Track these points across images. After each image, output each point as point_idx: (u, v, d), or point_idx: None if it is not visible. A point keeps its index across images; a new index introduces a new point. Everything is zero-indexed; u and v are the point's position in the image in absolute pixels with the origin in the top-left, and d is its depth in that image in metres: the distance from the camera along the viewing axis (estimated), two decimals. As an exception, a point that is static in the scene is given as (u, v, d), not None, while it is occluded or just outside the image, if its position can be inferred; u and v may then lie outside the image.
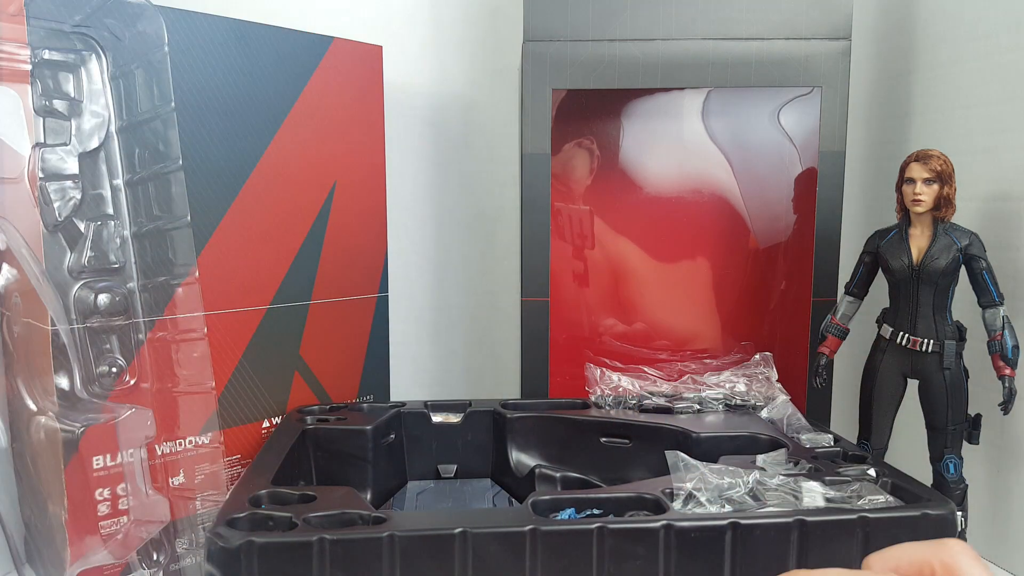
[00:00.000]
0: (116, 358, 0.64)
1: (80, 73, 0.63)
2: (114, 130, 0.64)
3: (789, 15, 0.84)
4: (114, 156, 0.64)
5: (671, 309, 0.90)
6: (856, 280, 0.79)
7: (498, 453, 0.80)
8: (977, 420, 0.73)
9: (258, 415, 0.78)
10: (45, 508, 0.64)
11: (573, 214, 0.88)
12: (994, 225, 0.79)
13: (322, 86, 0.81)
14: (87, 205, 0.63)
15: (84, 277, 0.63)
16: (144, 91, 0.65)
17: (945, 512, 0.53)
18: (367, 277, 0.89)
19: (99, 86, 0.63)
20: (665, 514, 0.53)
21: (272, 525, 0.53)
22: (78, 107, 0.63)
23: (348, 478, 0.74)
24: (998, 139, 0.79)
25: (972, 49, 0.83)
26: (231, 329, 0.75)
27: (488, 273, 1.11)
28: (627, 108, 0.87)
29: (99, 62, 0.63)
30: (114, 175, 0.64)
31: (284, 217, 0.79)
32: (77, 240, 0.62)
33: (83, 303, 0.62)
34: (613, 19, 0.84)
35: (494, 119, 1.08)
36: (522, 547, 0.51)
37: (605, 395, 0.81)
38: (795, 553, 0.52)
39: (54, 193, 0.61)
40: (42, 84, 0.61)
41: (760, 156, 0.87)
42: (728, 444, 0.70)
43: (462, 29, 1.06)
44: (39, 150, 0.61)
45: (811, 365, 0.83)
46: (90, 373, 0.63)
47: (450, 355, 1.12)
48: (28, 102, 0.60)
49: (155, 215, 0.66)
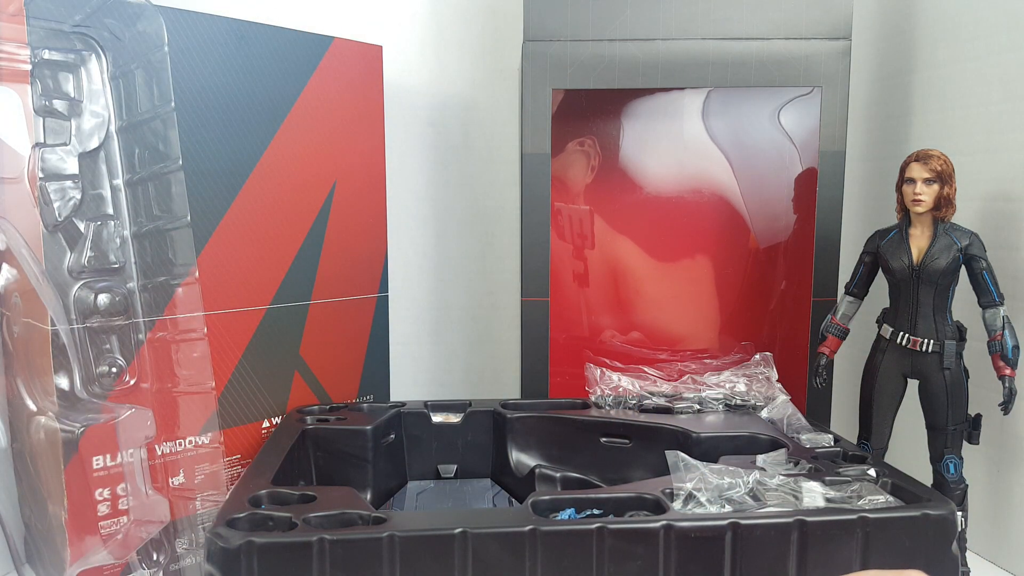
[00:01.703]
0: (116, 358, 0.64)
1: (80, 73, 0.63)
2: (114, 130, 0.64)
3: (789, 15, 0.84)
4: (114, 156, 0.64)
5: (671, 309, 0.90)
6: (856, 280, 0.79)
7: (498, 453, 0.80)
8: (977, 420, 0.73)
9: (258, 415, 0.78)
10: (45, 508, 0.64)
11: (573, 214, 0.88)
12: (994, 225, 0.79)
13: (322, 86, 0.81)
14: (87, 205, 0.63)
15: (84, 277, 0.63)
16: (144, 91, 0.65)
17: (945, 512, 0.53)
18: (367, 277, 0.89)
19: (99, 86, 0.63)
20: (665, 514, 0.53)
21: (272, 525, 0.53)
22: (78, 107, 0.63)
23: (348, 478, 0.74)
24: (998, 139, 0.79)
25: (972, 49, 0.83)
26: (231, 329, 0.75)
27: (488, 273, 1.11)
28: (627, 108, 0.87)
29: (99, 62, 0.63)
30: (114, 175, 0.65)
31: (284, 217, 0.79)
32: (77, 240, 0.62)
33: (83, 303, 0.62)
34: (613, 19, 0.83)
35: (494, 119, 1.08)
36: (522, 547, 0.51)
37: (605, 395, 0.81)
38: (795, 553, 0.52)
39: (54, 193, 0.61)
40: (42, 84, 0.61)
41: (760, 156, 0.87)
42: (728, 444, 0.70)
43: (462, 29, 1.06)
44: (39, 150, 0.61)
45: (811, 365, 0.83)
46: (90, 373, 0.63)
47: (450, 355, 1.12)
48: (28, 102, 0.60)
49: (155, 215, 0.66)
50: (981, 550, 0.81)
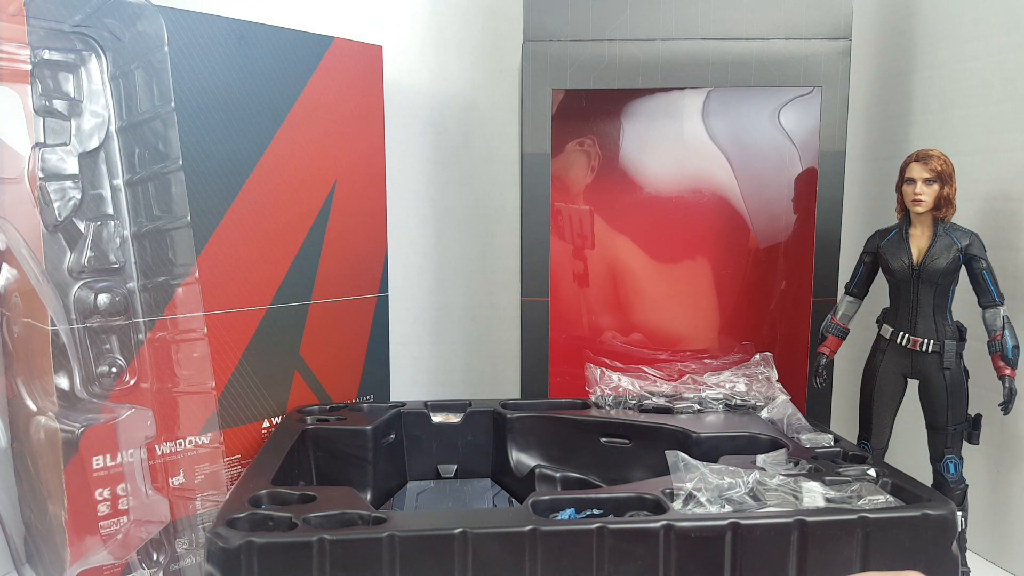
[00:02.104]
0: (116, 358, 0.64)
1: (80, 73, 0.63)
2: (114, 130, 0.64)
3: (789, 15, 0.84)
4: (114, 156, 0.64)
5: (671, 309, 0.90)
6: (856, 280, 0.79)
7: (498, 453, 0.80)
8: (977, 420, 0.73)
9: (258, 415, 0.78)
10: (45, 508, 0.64)
11: (573, 214, 0.88)
12: (994, 225, 0.79)
13: (322, 86, 0.81)
14: (87, 205, 0.63)
15: (84, 277, 0.63)
16: (144, 91, 0.65)
17: (945, 512, 0.53)
18: (367, 277, 0.89)
19: (99, 86, 0.63)
20: (665, 514, 0.53)
21: (272, 525, 0.53)
22: (78, 107, 0.63)
23: (348, 478, 0.74)
24: (998, 139, 0.79)
25: (972, 49, 0.83)
26: (231, 329, 0.75)
27: (488, 273, 1.11)
28: (627, 108, 0.87)
29: (99, 62, 0.63)
30: (114, 175, 0.64)
31: (284, 217, 0.79)
32: (77, 240, 0.62)
33: (83, 303, 0.62)
34: (613, 19, 0.83)
35: (494, 119, 1.08)
36: (522, 547, 0.51)
37: (605, 395, 0.81)
38: (795, 553, 0.52)
39: (54, 193, 0.61)
40: (42, 84, 0.61)
41: (760, 156, 0.87)
42: (728, 444, 0.70)
43: (462, 29, 1.06)
44: (39, 150, 0.61)
45: (811, 365, 0.83)
46: (90, 373, 0.63)
47: (450, 355, 1.12)
48: (28, 102, 0.60)
49: (155, 215, 0.66)
50: (981, 550, 0.81)
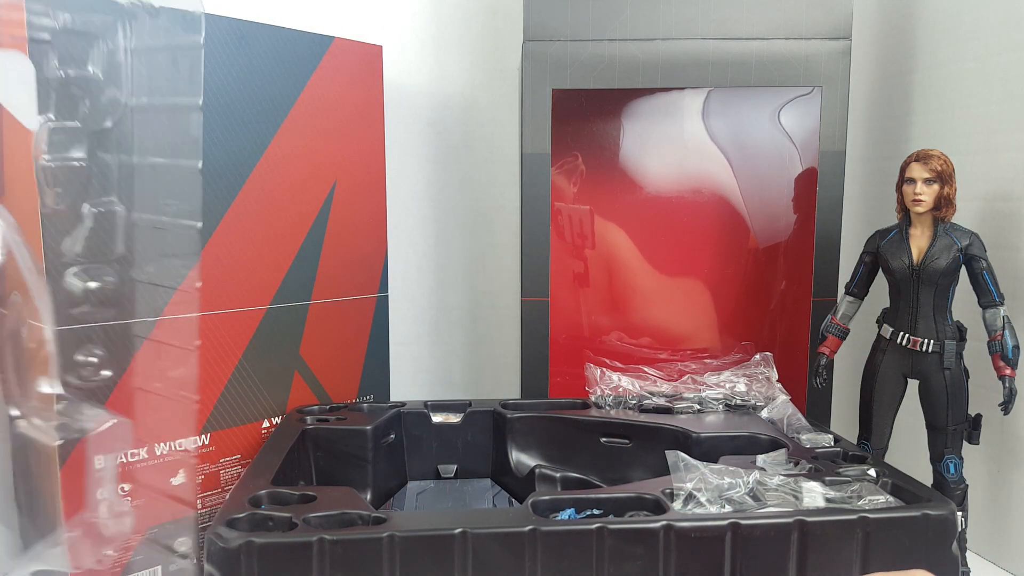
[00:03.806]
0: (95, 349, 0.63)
1: (100, 45, 0.59)
2: (128, 113, 0.61)
3: (789, 15, 0.84)
4: (124, 139, 0.61)
5: (671, 309, 0.90)
6: (856, 280, 0.79)
7: (498, 453, 0.80)
8: (977, 420, 0.73)
9: (258, 415, 0.78)
10: (42, 509, 0.64)
11: (573, 214, 0.88)
12: (994, 225, 0.79)
13: (322, 86, 0.81)
14: (91, 189, 0.61)
15: (80, 263, 0.61)
16: (170, 74, 0.62)
17: (945, 512, 0.53)
18: (367, 277, 0.89)
19: (121, 60, 0.59)
20: (665, 514, 0.53)
21: (272, 525, 0.53)
22: (94, 83, 0.59)
23: (348, 478, 0.74)
24: (998, 139, 0.79)
25: (972, 49, 0.83)
26: (231, 329, 0.75)
27: (488, 273, 1.11)
28: (627, 108, 0.87)
29: (124, 35, 0.59)
30: (122, 159, 0.61)
31: (284, 217, 0.79)
32: (76, 226, 0.61)
33: (74, 291, 0.61)
34: (613, 19, 0.83)
35: (494, 119, 1.08)
36: (522, 547, 0.51)
37: (605, 395, 0.81)
38: (795, 554, 0.52)
39: (57, 175, 0.59)
40: (59, 54, 0.57)
41: (760, 156, 0.87)
42: (728, 444, 0.70)
43: (462, 29, 1.06)
44: (46, 126, 0.58)
45: (811, 365, 0.83)
46: (77, 372, 0.62)
47: (450, 355, 1.12)
48: (41, 72, 0.57)
49: (161, 207, 0.64)
50: (981, 550, 0.81)
